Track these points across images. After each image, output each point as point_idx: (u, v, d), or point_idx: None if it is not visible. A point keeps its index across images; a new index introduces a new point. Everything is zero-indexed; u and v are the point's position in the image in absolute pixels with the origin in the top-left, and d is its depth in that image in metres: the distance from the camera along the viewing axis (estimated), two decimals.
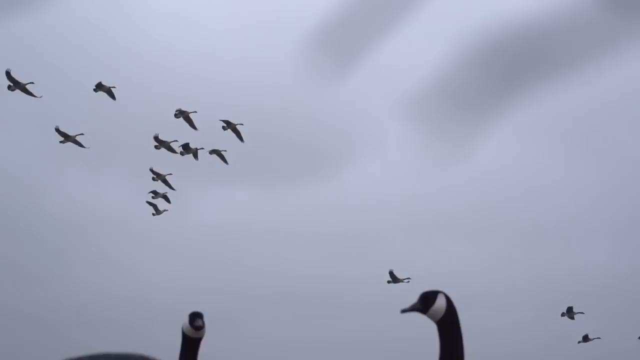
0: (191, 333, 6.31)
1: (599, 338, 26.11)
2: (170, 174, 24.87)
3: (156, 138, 24.18)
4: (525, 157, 32.13)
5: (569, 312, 26.05)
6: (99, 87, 23.33)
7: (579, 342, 26.09)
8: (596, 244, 31.35)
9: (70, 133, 23.96)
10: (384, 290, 26.77)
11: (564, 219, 30.86)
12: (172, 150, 24.34)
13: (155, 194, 25.23)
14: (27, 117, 29.35)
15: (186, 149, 24.24)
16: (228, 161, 25.15)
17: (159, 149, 24.35)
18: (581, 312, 26.16)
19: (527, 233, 30.45)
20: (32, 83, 22.77)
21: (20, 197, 31.04)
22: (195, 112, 23.97)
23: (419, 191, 30.45)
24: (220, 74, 28.53)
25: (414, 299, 5.43)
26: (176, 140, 24.21)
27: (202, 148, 24.55)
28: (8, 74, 22.55)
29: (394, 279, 26.22)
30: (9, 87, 22.83)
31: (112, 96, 23.42)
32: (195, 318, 6.31)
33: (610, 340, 26.04)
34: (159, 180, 24.99)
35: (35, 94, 22.97)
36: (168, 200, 25.59)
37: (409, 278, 25.81)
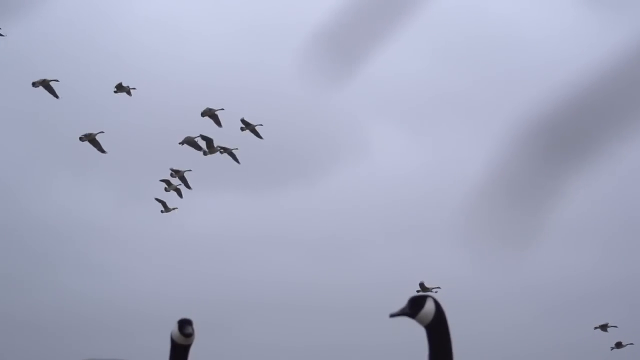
0: (180, 340, 6.24)
1: (632, 344, 25.45)
2: (190, 170, 25.08)
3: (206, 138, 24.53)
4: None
5: (602, 326, 25.42)
6: (119, 88, 23.80)
7: (612, 348, 25.45)
8: (585, 249, 31.40)
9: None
10: (371, 295, 26.76)
11: (553, 224, 30.86)
12: (198, 148, 24.68)
13: (168, 184, 25.18)
14: (16, 124, 29.29)
15: (209, 147, 24.63)
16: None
17: (182, 144, 24.61)
18: (614, 326, 25.58)
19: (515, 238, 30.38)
20: (57, 80, 22.94)
21: (10, 203, 30.97)
22: (223, 109, 24.40)
23: (405, 194, 30.50)
24: (207, 80, 28.50)
25: (402, 303, 5.41)
26: (199, 136, 24.51)
27: (218, 150, 24.82)
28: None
29: (423, 289, 25.63)
30: (33, 84, 22.89)
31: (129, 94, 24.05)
32: (185, 325, 6.22)
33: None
34: (177, 177, 25.10)
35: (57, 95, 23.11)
36: (180, 195, 25.58)
37: (438, 287, 25.40)
